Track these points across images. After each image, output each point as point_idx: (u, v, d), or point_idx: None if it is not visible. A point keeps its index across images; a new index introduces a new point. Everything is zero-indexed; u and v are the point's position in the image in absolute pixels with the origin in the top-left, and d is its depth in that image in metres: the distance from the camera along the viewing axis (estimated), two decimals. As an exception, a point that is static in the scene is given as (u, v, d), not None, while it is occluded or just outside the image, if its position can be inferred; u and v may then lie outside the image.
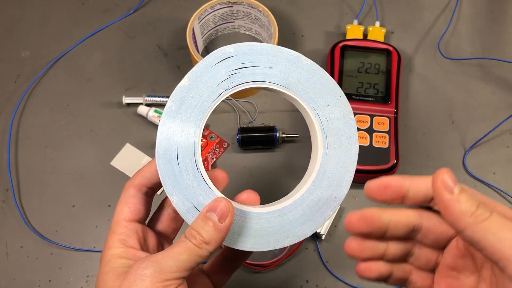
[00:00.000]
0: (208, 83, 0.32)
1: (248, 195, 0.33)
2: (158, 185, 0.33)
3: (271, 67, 0.32)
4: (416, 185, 0.28)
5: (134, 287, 0.27)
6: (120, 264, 0.30)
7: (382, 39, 0.60)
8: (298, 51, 0.33)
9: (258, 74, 0.32)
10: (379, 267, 0.30)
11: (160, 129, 0.31)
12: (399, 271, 0.30)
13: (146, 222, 0.35)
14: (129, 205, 0.32)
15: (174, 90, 0.31)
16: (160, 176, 0.31)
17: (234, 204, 0.32)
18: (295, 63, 0.33)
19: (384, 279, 0.30)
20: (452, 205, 0.25)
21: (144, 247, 0.32)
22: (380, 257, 0.30)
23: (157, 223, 0.35)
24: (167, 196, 0.34)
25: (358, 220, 0.29)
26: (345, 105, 0.33)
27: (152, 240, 0.33)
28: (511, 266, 0.23)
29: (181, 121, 0.31)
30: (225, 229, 0.30)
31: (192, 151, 0.31)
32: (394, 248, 0.30)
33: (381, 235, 0.29)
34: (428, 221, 0.29)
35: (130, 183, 0.33)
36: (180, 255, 0.28)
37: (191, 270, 0.29)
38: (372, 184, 0.29)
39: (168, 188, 0.31)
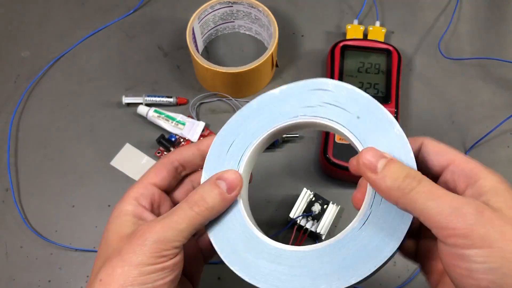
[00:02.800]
0: (296, 101, 0.32)
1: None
2: (191, 165, 0.34)
3: (358, 117, 0.31)
4: None
5: (134, 255, 0.28)
6: (126, 222, 0.30)
7: (382, 39, 0.59)
8: (298, 51, 0.33)
9: (342, 116, 0.31)
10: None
11: (236, 116, 0.33)
12: None
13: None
14: (156, 171, 0.33)
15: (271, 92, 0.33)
16: (209, 153, 0.32)
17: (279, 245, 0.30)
18: (384, 126, 0.30)
19: None
20: (379, 184, 0.26)
21: (156, 210, 0.32)
22: None
23: (175, 193, 0.35)
24: (190, 172, 0.35)
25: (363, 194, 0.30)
26: None
27: (166, 208, 0.33)
28: (440, 233, 0.24)
29: (257, 119, 0.32)
30: (231, 200, 0.30)
31: (244, 147, 0.32)
32: None
33: None
34: None
35: (166, 155, 0.34)
36: (180, 224, 0.29)
37: (189, 237, 0.29)
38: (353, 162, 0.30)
39: (208, 164, 0.32)
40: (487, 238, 0.23)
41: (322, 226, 0.49)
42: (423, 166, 0.29)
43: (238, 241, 0.30)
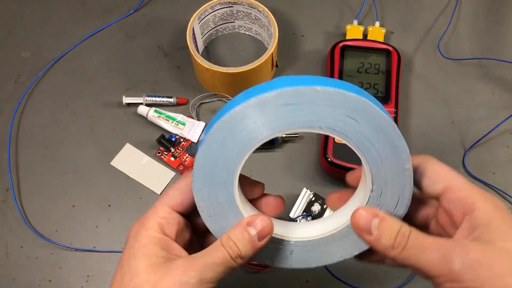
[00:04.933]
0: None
1: (273, 200, 0.33)
2: None
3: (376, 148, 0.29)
4: None
5: None
6: (155, 252, 0.29)
7: (382, 39, 0.60)
8: (298, 51, 0.33)
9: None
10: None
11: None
12: None
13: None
14: (182, 193, 0.31)
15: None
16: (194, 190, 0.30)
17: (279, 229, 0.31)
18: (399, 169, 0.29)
19: None
20: (376, 245, 0.28)
21: (178, 239, 0.31)
22: None
23: (195, 215, 0.33)
24: None
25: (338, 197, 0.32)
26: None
27: (186, 234, 0.32)
28: (435, 281, 0.26)
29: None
30: (260, 248, 0.29)
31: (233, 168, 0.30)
32: None
33: None
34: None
35: (188, 175, 0.31)
36: (218, 267, 0.28)
37: (221, 279, 0.29)
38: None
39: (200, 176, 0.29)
40: (476, 279, 0.24)
41: (295, 211, 0.49)
42: (423, 193, 0.30)
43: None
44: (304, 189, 0.51)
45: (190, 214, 0.33)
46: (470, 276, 0.24)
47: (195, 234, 0.34)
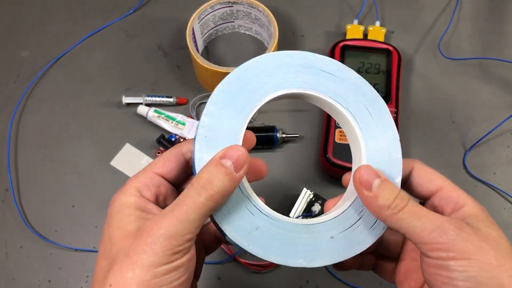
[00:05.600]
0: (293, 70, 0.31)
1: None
2: None
3: (367, 109, 0.32)
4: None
5: (144, 256, 0.25)
6: (129, 217, 0.27)
7: (382, 39, 0.59)
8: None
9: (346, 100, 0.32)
10: None
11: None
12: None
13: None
14: (164, 161, 0.30)
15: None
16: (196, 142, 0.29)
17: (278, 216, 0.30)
18: (385, 126, 0.32)
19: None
20: (371, 202, 0.28)
21: (161, 204, 0.30)
22: None
23: (184, 183, 0.32)
24: None
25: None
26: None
27: (172, 199, 0.29)
28: (424, 247, 0.27)
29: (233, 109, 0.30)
30: (239, 179, 0.27)
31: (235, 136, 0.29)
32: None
33: None
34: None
35: (178, 144, 0.31)
36: (190, 215, 0.26)
37: (200, 226, 0.27)
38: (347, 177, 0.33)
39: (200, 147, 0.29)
40: (466, 251, 0.26)
41: (295, 211, 0.49)
42: (413, 191, 0.32)
43: (246, 218, 0.29)
44: (304, 189, 0.51)
45: (179, 185, 0.32)
46: (460, 247, 0.26)
47: None
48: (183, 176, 0.31)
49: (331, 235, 0.30)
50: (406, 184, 0.32)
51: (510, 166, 0.55)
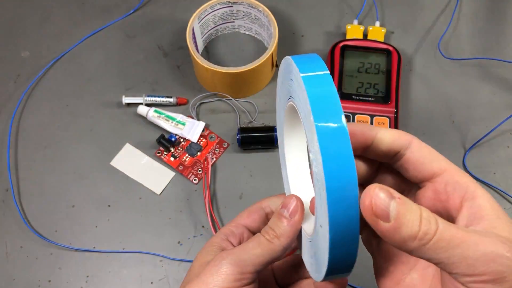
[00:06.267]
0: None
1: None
2: None
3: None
4: (380, 137, 0.26)
5: (210, 277, 0.28)
6: (209, 251, 0.31)
7: (382, 39, 0.60)
8: (298, 51, 0.33)
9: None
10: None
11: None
12: None
13: None
14: (248, 214, 0.34)
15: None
16: None
17: None
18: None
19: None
20: (393, 235, 0.22)
21: None
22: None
23: None
24: None
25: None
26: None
27: None
28: (464, 279, 0.22)
29: None
30: (295, 224, 0.30)
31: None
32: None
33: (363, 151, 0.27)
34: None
35: (265, 201, 0.35)
36: (254, 249, 0.29)
37: (265, 265, 0.30)
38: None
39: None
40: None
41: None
42: (409, 170, 0.27)
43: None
44: (304, 189, 0.51)
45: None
46: None
47: None
48: (263, 225, 0.34)
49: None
50: (401, 161, 0.26)
51: (510, 166, 0.55)
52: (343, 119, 0.22)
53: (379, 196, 0.22)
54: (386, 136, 0.26)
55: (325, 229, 0.23)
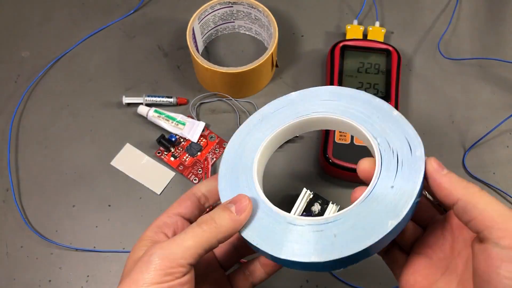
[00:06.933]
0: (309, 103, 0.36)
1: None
2: (214, 196, 0.35)
3: (377, 117, 0.34)
4: None
5: (140, 274, 0.28)
6: (141, 246, 0.31)
7: (382, 39, 0.60)
8: (298, 51, 0.34)
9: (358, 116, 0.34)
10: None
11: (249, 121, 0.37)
12: None
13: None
14: (180, 202, 0.34)
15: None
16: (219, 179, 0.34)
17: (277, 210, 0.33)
18: (398, 125, 0.33)
19: None
20: (445, 181, 0.28)
21: None
22: None
23: None
24: (214, 204, 0.36)
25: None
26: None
27: None
28: (495, 233, 0.25)
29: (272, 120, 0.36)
30: (240, 222, 0.30)
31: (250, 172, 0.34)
32: None
33: None
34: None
35: (195, 187, 0.35)
36: (185, 241, 0.28)
37: (198, 257, 0.29)
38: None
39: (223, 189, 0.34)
40: None
41: (295, 211, 0.49)
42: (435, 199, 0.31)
43: (270, 228, 0.32)
44: (304, 189, 0.51)
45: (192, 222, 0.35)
46: None
47: None
48: (197, 213, 0.35)
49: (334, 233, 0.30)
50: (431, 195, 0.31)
51: (510, 166, 0.55)
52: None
53: (437, 162, 0.29)
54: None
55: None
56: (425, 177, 0.29)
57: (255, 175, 0.34)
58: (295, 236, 0.30)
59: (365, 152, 0.51)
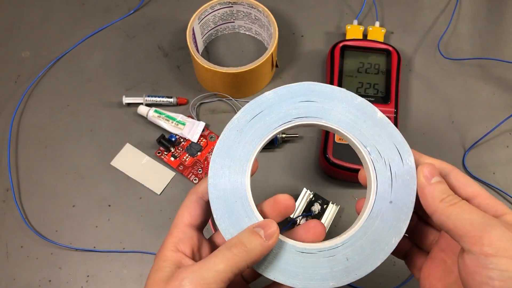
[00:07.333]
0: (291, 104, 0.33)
1: (313, 226, 0.33)
2: None
3: (364, 122, 0.33)
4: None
5: None
6: (163, 267, 0.30)
7: (382, 39, 0.60)
8: (298, 51, 0.34)
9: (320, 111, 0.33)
10: None
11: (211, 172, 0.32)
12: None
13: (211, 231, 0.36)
14: (189, 210, 0.33)
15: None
16: (213, 211, 0.32)
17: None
18: (385, 129, 0.33)
19: None
20: (426, 192, 0.30)
21: (196, 254, 0.32)
22: None
23: (217, 235, 0.36)
24: None
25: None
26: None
27: (206, 249, 0.33)
28: (468, 241, 0.26)
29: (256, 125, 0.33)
30: (268, 247, 0.30)
31: (244, 193, 0.32)
32: None
33: None
34: None
35: (194, 189, 0.34)
36: (217, 265, 0.28)
37: (228, 281, 0.29)
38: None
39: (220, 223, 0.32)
40: (510, 250, 0.25)
41: (295, 211, 0.49)
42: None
43: (284, 260, 0.32)
44: (304, 189, 0.51)
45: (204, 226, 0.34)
46: (505, 245, 0.25)
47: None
48: (209, 216, 0.34)
49: (346, 257, 0.31)
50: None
51: (509, 166, 0.55)
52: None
53: (429, 168, 0.30)
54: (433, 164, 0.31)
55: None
56: (417, 184, 0.31)
57: (251, 201, 0.32)
58: (310, 264, 0.31)
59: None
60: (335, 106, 0.33)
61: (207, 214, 0.34)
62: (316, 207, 0.50)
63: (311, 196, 0.51)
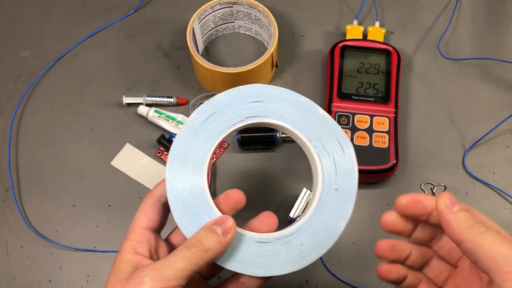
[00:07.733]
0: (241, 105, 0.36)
1: (266, 217, 0.35)
2: None
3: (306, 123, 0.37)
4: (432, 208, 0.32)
5: None
6: (123, 269, 0.31)
7: (382, 39, 0.60)
8: (298, 51, 0.34)
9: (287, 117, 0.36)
10: (398, 270, 0.33)
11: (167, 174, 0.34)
12: (412, 277, 0.34)
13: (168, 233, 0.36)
14: (146, 214, 0.34)
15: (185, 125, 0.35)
16: (173, 213, 0.33)
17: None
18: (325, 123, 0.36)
19: (399, 282, 0.34)
20: (451, 220, 0.28)
21: (154, 256, 0.33)
22: (402, 261, 0.33)
23: (173, 236, 0.37)
24: None
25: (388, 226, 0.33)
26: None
27: (163, 250, 0.34)
28: (499, 276, 0.26)
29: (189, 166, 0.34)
30: (226, 243, 0.31)
31: (202, 192, 0.34)
32: (415, 253, 0.33)
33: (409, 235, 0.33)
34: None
35: (150, 193, 0.35)
36: (176, 263, 0.29)
37: (187, 278, 0.30)
38: (404, 200, 0.32)
39: (178, 219, 0.33)
40: None
41: (295, 211, 0.50)
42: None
43: (243, 250, 0.33)
44: (304, 189, 0.51)
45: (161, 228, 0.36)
46: None
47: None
48: (165, 219, 0.35)
49: (300, 243, 0.34)
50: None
51: (509, 166, 0.55)
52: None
53: (449, 197, 0.29)
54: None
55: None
56: (438, 214, 0.30)
57: (209, 198, 0.34)
58: (268, 253, 0.33)
59: (365, 151, 0.51)
60: (282, 106, 0.36)
61: (163, 216, 0.35)
62: (316, 207, 0.50)
63: (311, 196, 0.51)
